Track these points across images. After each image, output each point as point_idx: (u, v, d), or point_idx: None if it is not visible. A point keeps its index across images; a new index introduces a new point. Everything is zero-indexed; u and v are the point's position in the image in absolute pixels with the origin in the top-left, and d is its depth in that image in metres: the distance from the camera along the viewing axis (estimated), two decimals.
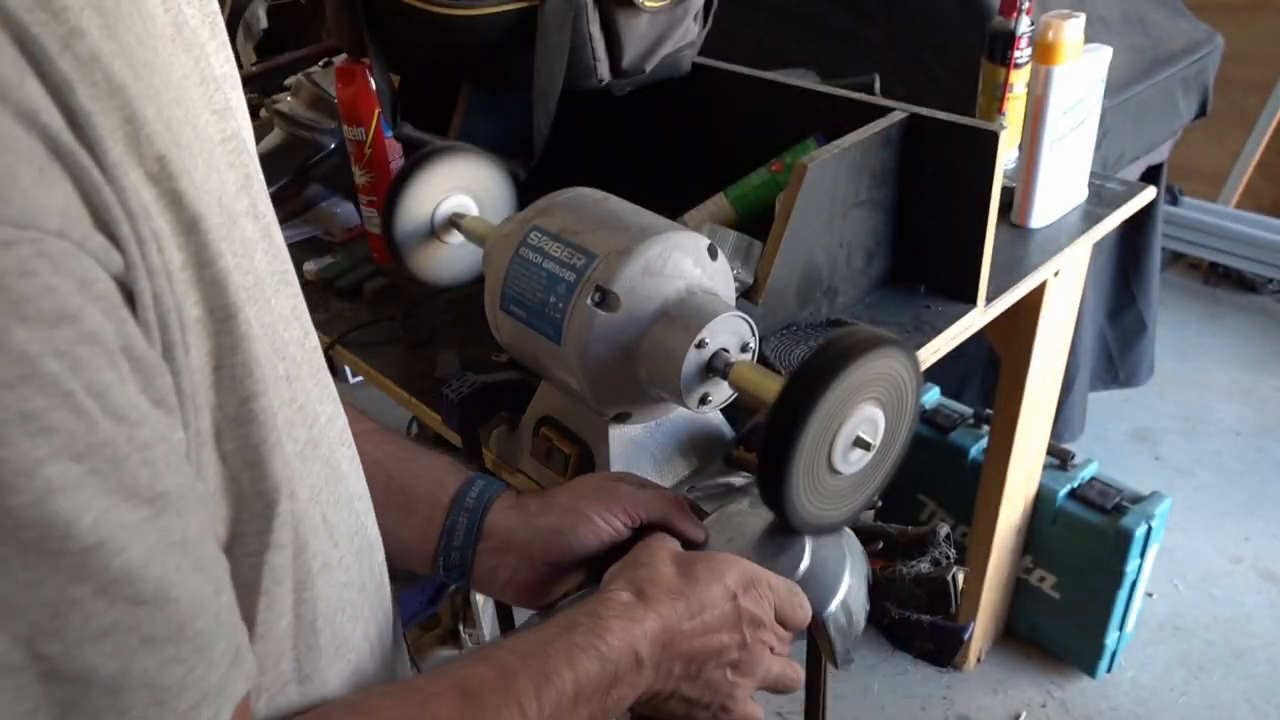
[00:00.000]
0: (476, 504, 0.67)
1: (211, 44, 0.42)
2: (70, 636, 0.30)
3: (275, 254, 0.44)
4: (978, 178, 0.99)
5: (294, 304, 0.46)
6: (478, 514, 0.66)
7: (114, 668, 0.31)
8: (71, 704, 0.31)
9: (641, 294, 0.70)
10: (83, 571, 0.30)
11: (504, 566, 0.66)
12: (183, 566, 0.34)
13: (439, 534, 0.66)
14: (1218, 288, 2.83)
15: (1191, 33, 1.94)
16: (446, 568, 0.66)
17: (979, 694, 1.73)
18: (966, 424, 1.72)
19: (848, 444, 0.61)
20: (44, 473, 0.29)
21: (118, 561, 0.31)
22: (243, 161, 0.42)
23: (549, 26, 1.00)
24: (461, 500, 0.67)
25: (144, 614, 0.32)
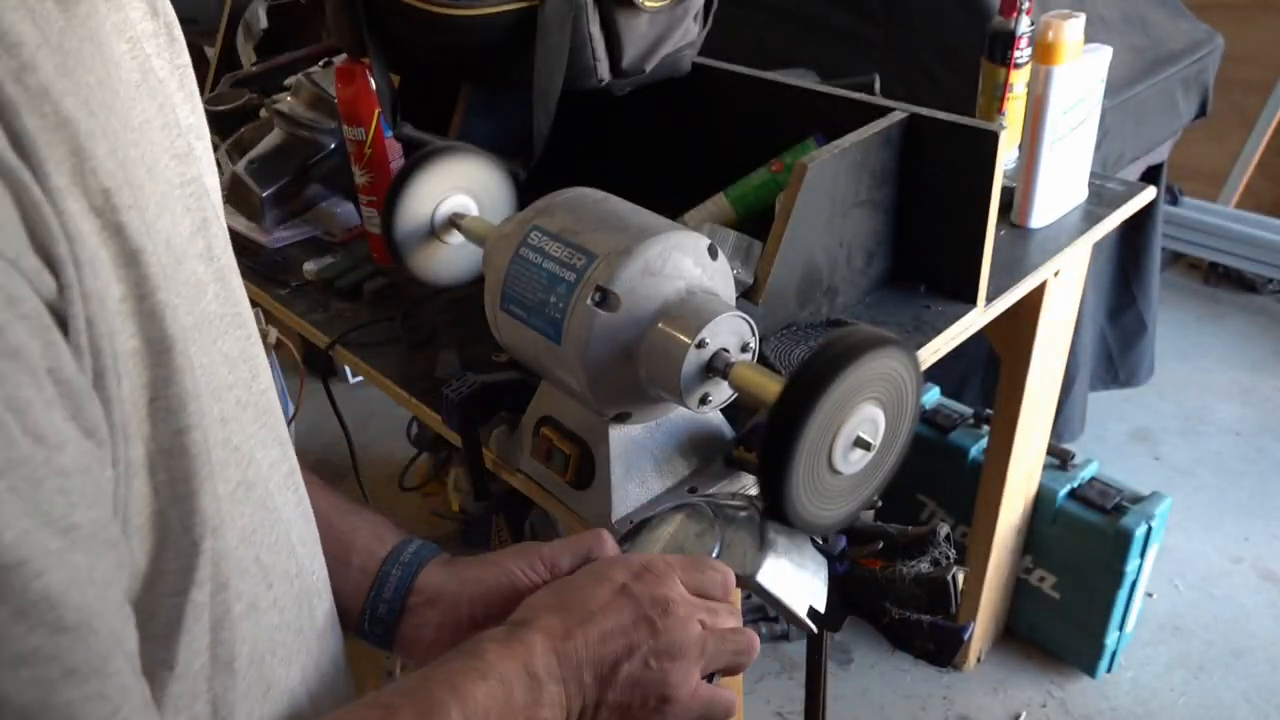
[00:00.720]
0: (412, 559, 0.65)
1: (179, 94, 0.43)
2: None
3: (228, 297, 0.44)
4: (978, 178, 0.99)
5: (243, 346, 0.46)
6: (412, 568, 0.65)
7: (29, 698, 0.30)
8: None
9: (641, 294, 0.70)
10: (3, 591, 0.29)
11: (428, 625, 0.64)
12: (106, 599, 0.33)
13: (370, 585, 0.64)
14: (1218, 288, 2.83)
15: (1191, 33, 1.94)
16: (372, 621, 0.64)
17: (979, 694, 1.73)
18: (966, 424, 1.72)
19: (848, 444, 0.61)
20: None
21: (38, 584, 0.30)
22: (201, 206, 0.43)
23: (549, 26, 1.00)
24: (397, 555, 0.65)
25: (66, 643, 0.31)
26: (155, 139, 0.39)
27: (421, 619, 0.64)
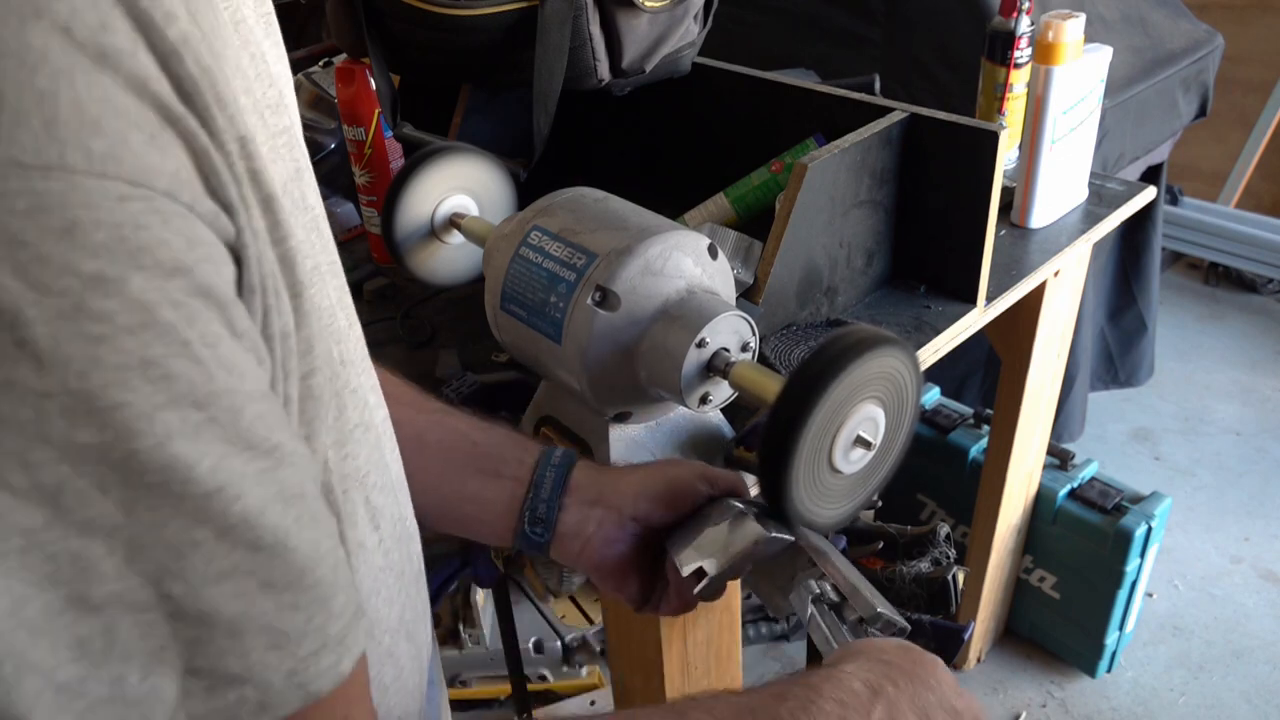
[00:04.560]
0: (562, 461, 0.67)
1: (266, 42, 0.43)
2: (193, 578, 0.31)
3: (325, 245, 0.45)
4: (978, 178, 0.99)
5: (340, 294, 0.47)
6: (563, 469, 0.67)
7: (234, 610, 0.32)
8: (196, 643, 0.32)
9: (642, 293, 0.70)
10: (203, 515, 0.31)
11: (590, 519, 0.66)
12: (300, 518, 0.34)
13: (525, 491, 0.66)
14: (1218, 288, 2.83)
15: (1191, 33, 1.95)
16: (532, 521, 0.66)
17: (979, 694, 1.73)
18: (966, 424, 1.72)
19: (848, 443, 0.61)
20: (164, 417, 0.30)
21: (236, 507, 0.32)
22: (294, 155, 0.44)
23: (549, 26, 1.00)
24: (548, 459, 0.67)
25: (262, 560, 0.33)
26: (254, 89, 0.40)
27: (582, 515, 0.66)
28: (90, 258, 0.28)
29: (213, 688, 0.32)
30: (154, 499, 0.30)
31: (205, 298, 0.31)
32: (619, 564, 0.67)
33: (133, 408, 0.29)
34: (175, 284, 0.30)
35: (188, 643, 0.32)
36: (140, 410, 0.29)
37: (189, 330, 0.30)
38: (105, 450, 0.29)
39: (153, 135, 0.30)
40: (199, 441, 0.31)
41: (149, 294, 0.29)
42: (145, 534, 0.30)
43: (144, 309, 0.29)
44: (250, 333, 0.34)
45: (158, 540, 0.30)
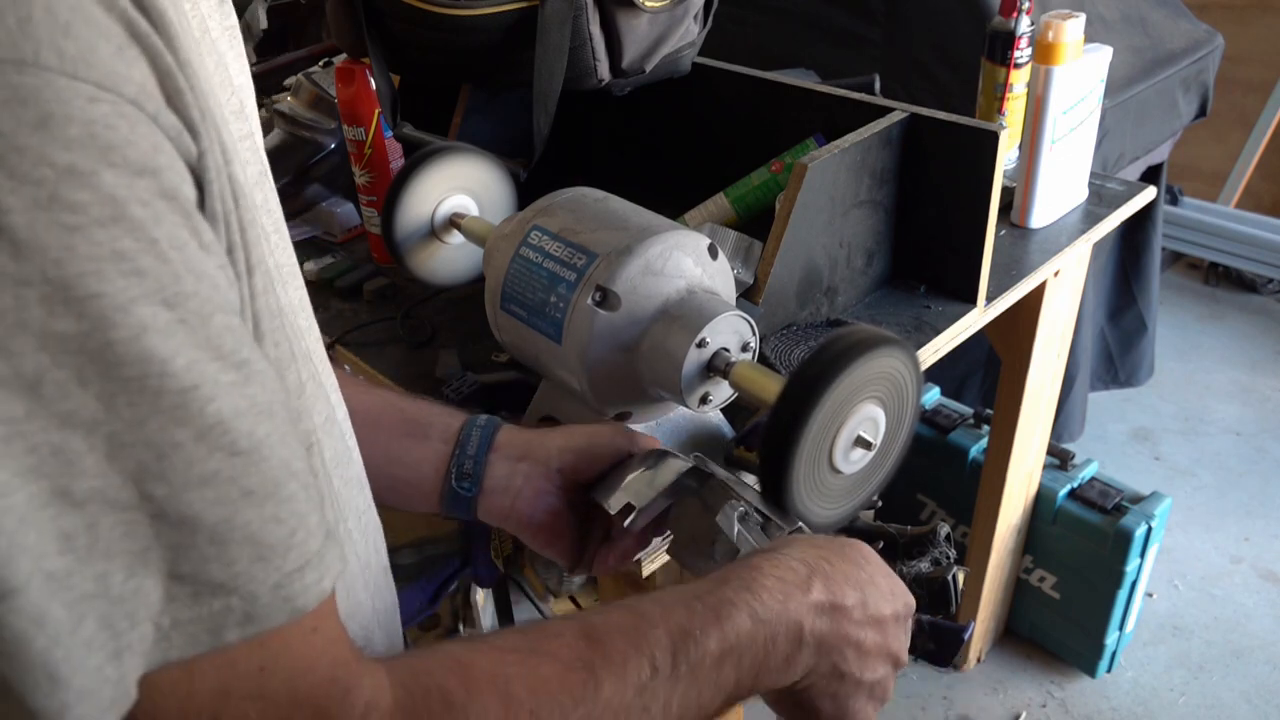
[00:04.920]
0: (488, 423, 0.69)
1: (230, 54, 0.44)
2: (175, 479, 0.32)
3: (285, 248, 0.46)
4: (978, 178, 0.99)
5: (300, 295, 0.48)
6: (489, 429, 0.68)
7: (217, 516, 0.33)
8: (180, 549, 0.32)
9: (642, 293, 0.70)
10: (181, 414, 0.32)
11: (517, 474, 0.67)
12: (271, 434, 0.35)
13: (452, 448, 0.67)
14: (1218, 288, 2.83)
15: (1191, 33, 1.95)
16: (459, 477, 0.66)
17: (979, 694, 1.73)
18: (966, 424, 1.72)
19: (849, 443, 0.61)
20: (138, 311, 0.30)
21: (211, 408, 0.32)
22: (259, 159, 0.45)
23: (549, 26, 1.00)
24: (473, 421, 0.69)
25: (241, 465, 0.33)
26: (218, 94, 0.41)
27: (510, 469, 0.67)
28: (64, 150, 0.29)
29: (197, 594, 0.33)
30: (132, 393, 0.30)
31: (170, 201, 0.32)
32: (549, 518, 0.68)
33: (108, 298, 0.30)
34: (143, 183, 0.31)
35: (171, 547, 0.32)
36: (115, 302, 0.30)
37: (156, 229, 0.31)
38: (83, 339, 0.29)
39: (120, 48, 0.31)
40: (172, 339, 0.31)
41: (119, 190, 0.30)
42: (125, 431, 0.31)
43: (115, 203, 0.30)
44: (215, 248, 0.34)
45: (138, 438, 0.31)
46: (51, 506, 0.30)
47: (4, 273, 0.28)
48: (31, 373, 0.29)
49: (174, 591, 0.32)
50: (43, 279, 0.29)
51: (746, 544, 0.63)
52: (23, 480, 0.29)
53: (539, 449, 0.68)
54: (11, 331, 0.28)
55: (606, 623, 0.47)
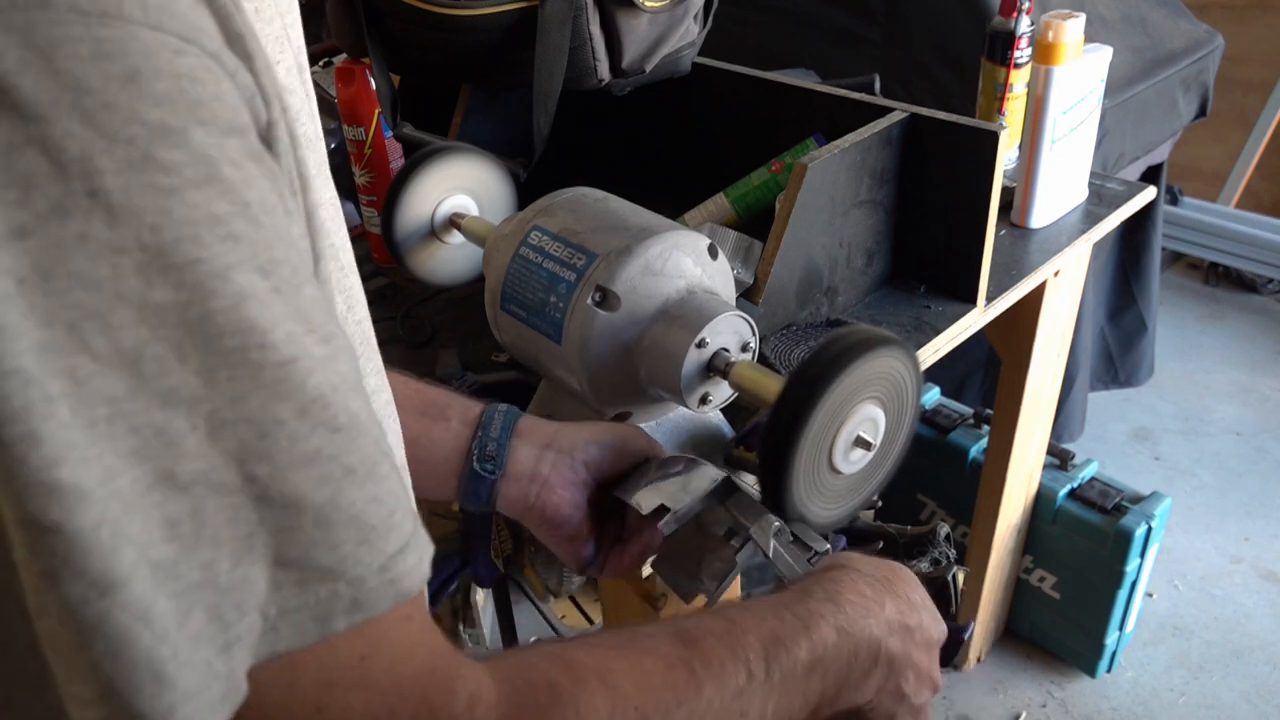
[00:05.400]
0: (510, 410, 0.67)
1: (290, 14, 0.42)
2: (278, 458, 0.30)
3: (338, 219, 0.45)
4: (978, 178, 0.99)
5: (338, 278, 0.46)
6: (512, 415, 0.66)
7: (322, 497, 0.31)
8: (286, 532, 0.30)
9: (642, 293, 0.70)
10: (282, 388, 0.30)
11: (545, 460, 0.65)
12: (362, 410, 0.33)
13: (472, 432, 0.65)
14: (1218, 288, 2.83)
15: (1191, 33, 1.94)
16: (482, 458, 0.64)
17: (979, 694, 1.73)
18: (966, 424, 1.72)
19: (848, 443, 0.61)
20: (236, 278, 0.28)
21: (312, 381, 0.30)
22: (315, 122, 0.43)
23: (549, 26, 1.00)
24: (494, 406, 0.67)
25: (341, 442, 0.31)
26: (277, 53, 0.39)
27: (536, 454, 0.65)
28: (154, 106, 0.27)
29: (303, 581, 0.31)
30: (233, 367, 0.29)
31: (259, 163, 0.30)
32: (572, 512, 0.66)
33: (206, 264, 0.28)
34: (232, 143, 0.29)
35: (276, 531, 0.30)
36: (213, 268, 0.28)
37: (248, 192, 0.29)
38: (182, 310, 0.28)
39: (194, 4, 0.29)
40: (270, 309, 0.29)
41: (211, 149, 0.28)
42: (227, 408, 0.29)
43: (208, 163, 0.28)
44: (296, 214, 0.33)
45: (240, 415, 0.29)
46: (156, 491, 0.28)
47: (100, 240, 0.26)
48: (131, 348, 0.27)
49: (279, 579, 0.31)
50: (138, 245, 0.27)
51: (783, 562, 0.63)
52: (126, 464, 0.27)
53: (565, 439, 0.66)
54: (110, 304, 0.27)
55: (700, 627, 0.47)
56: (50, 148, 0.26)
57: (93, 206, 0.26)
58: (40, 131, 0.26)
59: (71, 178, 0.26)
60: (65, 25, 0.26)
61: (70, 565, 0.26)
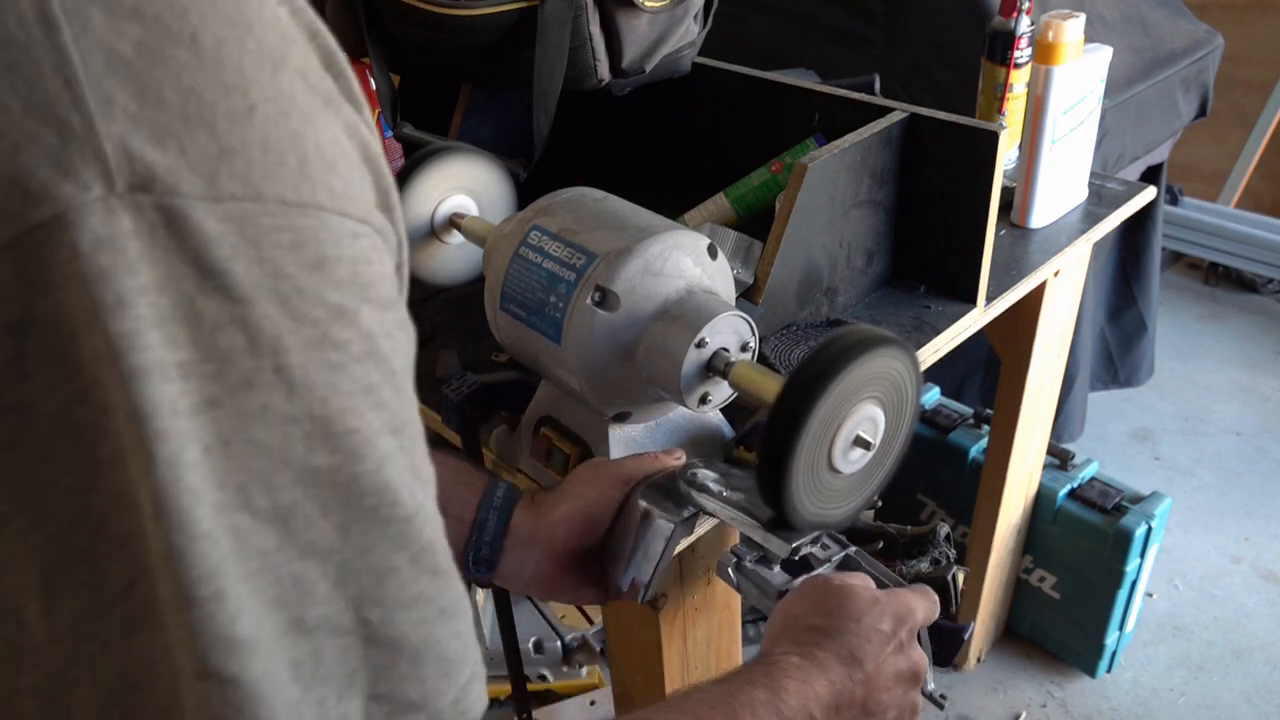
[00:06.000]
0: (503, 503, 0.71)
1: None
2: (388, 602, 0.32)
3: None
4: (978, 178, 0.99)
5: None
6: (505, 512, 0.71)
7: (418, 637, 0.33)
8: (382, 669, 0.33)
9: (641, 293, 0.70)
10: (402, 540, 0.32)
11: (528, 561, 0.71)
12: (448, 548, 0.36)
13: (468, 531, 0.70)
14: (1218, 288, 2.83)
15: (1191, 33, 1.94)
16: (476, 562, 0.70)
17: (979, 694, 1.73)
18: (966, 424, 1.72)
19: (848, 443, 0.61)
20: (380, 443, 0.31)
21: (425, 532, 0.33)
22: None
23: (549, 26, 1.00)
24: (490, 500, 0.71)
25: (440, 586, 0.34)
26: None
27: (521, 556, 0.71)
28: (335, 290, 0.30)
29: (392, 714, 0.33)
30: (366, 522, 0.31)
31: (405, 330, 0.34)
32: (563, 586, 0.73)
33: (360, 434, 0.31)
34: (390, 317, 0.32)
35: (375, 668, 0.32)
36: (365, 436, 0.31)
37: (395, 361, 0.33)
38: (334, 473, 0.30)
39: (361, 175, 0.33)
40: (400, 469, 0.32)
41: (373, 325, 0.31)
42: (355, 558, 0.31)
43: (370, 339, 0.31)
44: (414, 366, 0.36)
45: (364, 564, 0.31)
46: (288, 636, 0.30)
47: (277, 410, 0.29)
48: (286, 506, 0.30)
49: (371, 711, 0.33)
50: (309, 417, 0.30)
51: (750, 591, 0.69)
52: (268, 611, 0.29)
53: (544, 534, 0.71)
54: (276, 467, 0.29)
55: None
56: (250, 327, 0.29)
57: (276, 381, 0.29)
58: (243, 313, 0.29)
59: (263, 354, 0.29)
60: (273, 216, 0.29)
61: (242, 714, 0.29)
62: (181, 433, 0.28)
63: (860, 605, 0.62)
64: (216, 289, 0.28)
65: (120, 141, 0.27)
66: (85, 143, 0.27)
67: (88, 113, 0.27)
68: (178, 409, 0.28)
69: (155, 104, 0.28)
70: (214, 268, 0.28)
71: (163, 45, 0.28)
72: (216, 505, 0.28)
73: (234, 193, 0.28)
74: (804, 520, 0.62)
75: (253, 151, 0.29)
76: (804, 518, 0.62)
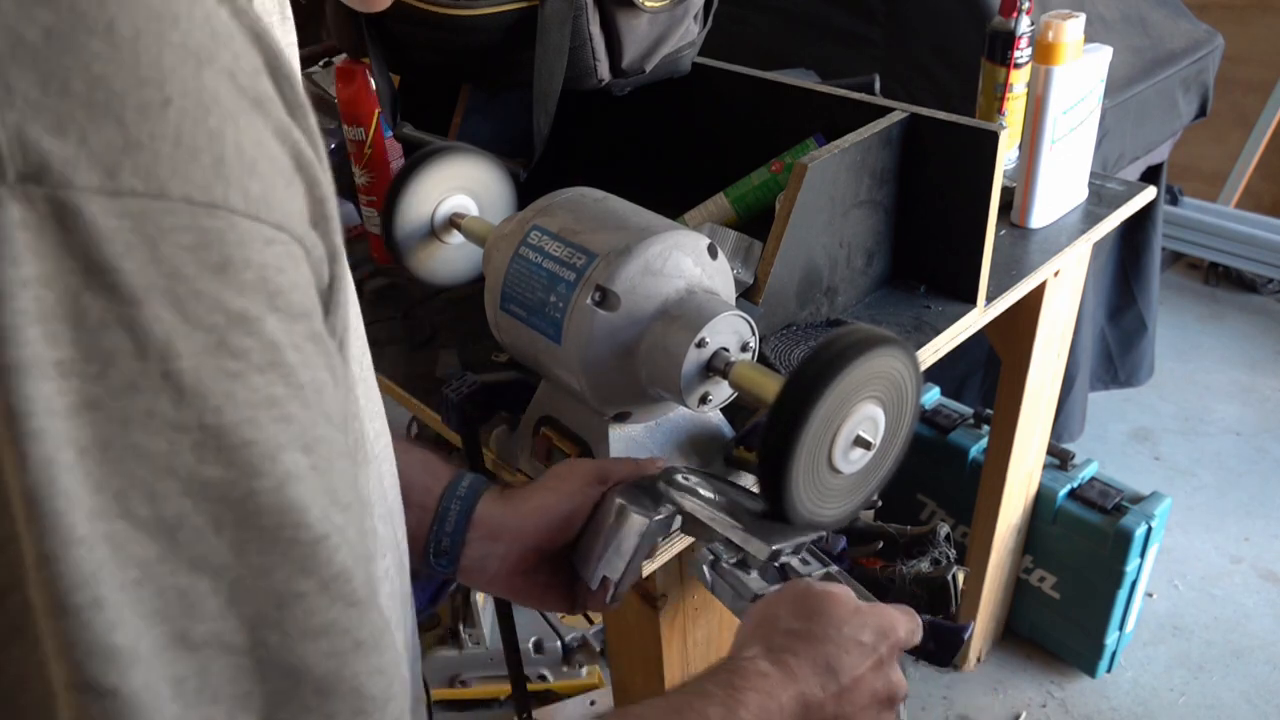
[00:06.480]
0: (468, 493, 0.69)
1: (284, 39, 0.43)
2: (291, 629, 0.31)
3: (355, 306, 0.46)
4: (978, 178, 0.99)
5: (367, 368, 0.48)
6: (469, 502, 0.68)
7: (327, 669, 0.32)
8: (282, 696, 0.31)
9: (641, 293, 0.70)
10: (309, 564, 0.31)
11: (493, 555, 0.68)
12: (373, 578, 0.34)
13: (431, 520, 0.68)
14: (1218, 288, 2.83)
15: (1191, 33, 1.94)
16: (436, 553, 0.68)
17: (979, 694, 1.73)
18: (966, 424, 1.72)
19: (848, 443, 0.61)
20: (284, 459, 0.30)
21: (338, 558, 0.32)
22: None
23: (549, 26, 1.00)
24: (454, 489, 0.69)
25: (356, 617, 0.33)
26: None
27: (485, 550, 0.68)
28: (237, 295, 0.29)
29: None
30: (265, 541, 0.30)
31: (318, 344, 0.32)
32: (531, 588, 0.70)
33: (258, 447, 0.29)
34: (299, 328, 0.31)
35: (272, 694, 0.31)
36: (265, 450, 0.30)
37: (304, 374, 0.31)
38: (227, 487, 0.29)
39: (289, 182, 0.31)
40: (308, 488, 0.31)
41: (279, 335, 0.30)
42: (250, 577, 0.30)
43: (274, 349, 0.30)
44: (344, 381, 0.34)
45: (262, 585, 0.30)
46: (169, 651, 0.29)
47: (163, 417, 0.28)
48: (172, 517, 0.29)
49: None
50: (199, 426, 0.29)
51: (725, 592, 0.66)
52: (148, 624, 0.28)
53: (514, 526, 0.69)
54: (160, 475, 0.28)
55: None
56: (137, 329, 0.27)
57: (163, 386, 0.28)
58: (130, 313, 0.27)
59: (150, 358, 0.28)
60: (175, 215, 0.28)
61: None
62: (57, 433, 0.27)
63: (842, 613, 0.59)
64: (104, 287, 0.27)
65: (15, 129, 0.26)
66: None
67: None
68: (54, 408, 0.27)
69: (59, 92, 0.27)
70: (103, 264, 0.27)
71: (75, 33, 0.27)
72: (92, 510, 0.27)
73: (134, 188, 0.27)
74: (804, 519, 0.62)
75: (162, 146, 0.28)
76: (804, 517, 0.62)
